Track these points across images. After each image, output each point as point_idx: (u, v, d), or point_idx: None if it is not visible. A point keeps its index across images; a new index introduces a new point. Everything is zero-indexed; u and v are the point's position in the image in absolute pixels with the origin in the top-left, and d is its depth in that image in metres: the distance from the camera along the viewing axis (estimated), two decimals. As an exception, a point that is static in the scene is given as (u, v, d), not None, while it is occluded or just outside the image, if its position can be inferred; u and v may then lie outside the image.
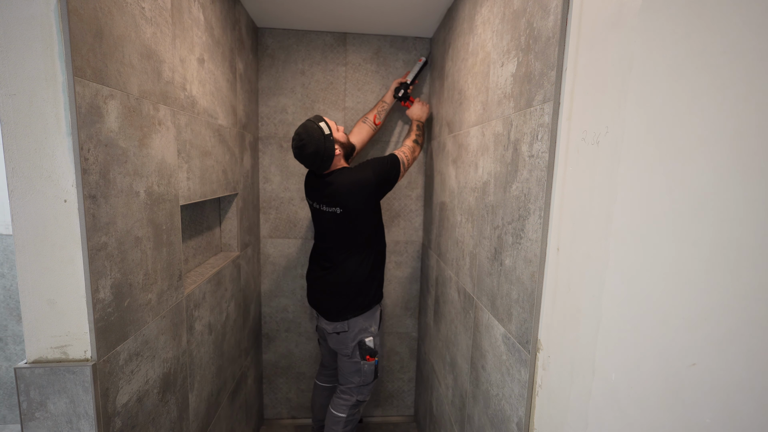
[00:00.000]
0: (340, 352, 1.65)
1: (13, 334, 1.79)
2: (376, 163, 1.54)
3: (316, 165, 1.49)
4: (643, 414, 0.51)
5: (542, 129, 0.76)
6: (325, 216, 1.56)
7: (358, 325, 1.60)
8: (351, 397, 1.66)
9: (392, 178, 1.55)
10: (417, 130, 1.70)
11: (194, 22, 1.14)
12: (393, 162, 1.55)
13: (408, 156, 1.60)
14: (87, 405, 0.72)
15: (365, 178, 1.49)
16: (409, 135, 1.69)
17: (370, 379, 1.64)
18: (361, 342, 1.60)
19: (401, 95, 1.78)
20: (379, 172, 1.51)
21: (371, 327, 1.63)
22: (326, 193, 1.53)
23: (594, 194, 0.61)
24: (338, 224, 1.54)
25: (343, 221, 1.53)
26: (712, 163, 0.42)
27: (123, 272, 0.81)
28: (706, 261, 0.42)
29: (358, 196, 1.49)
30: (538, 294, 0.77)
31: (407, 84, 1.79)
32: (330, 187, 1.52)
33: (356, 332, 1.60)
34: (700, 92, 0.43)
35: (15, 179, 0.66)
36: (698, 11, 0.44)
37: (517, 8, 0.89)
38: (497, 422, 0.96)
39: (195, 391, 1.20)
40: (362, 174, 1.50)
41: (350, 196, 1.49)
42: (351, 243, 1.57)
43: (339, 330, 1.61)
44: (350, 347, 1.61)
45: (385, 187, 1.54)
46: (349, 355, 1.62)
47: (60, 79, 0.65)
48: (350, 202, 1.49)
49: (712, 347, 0.41)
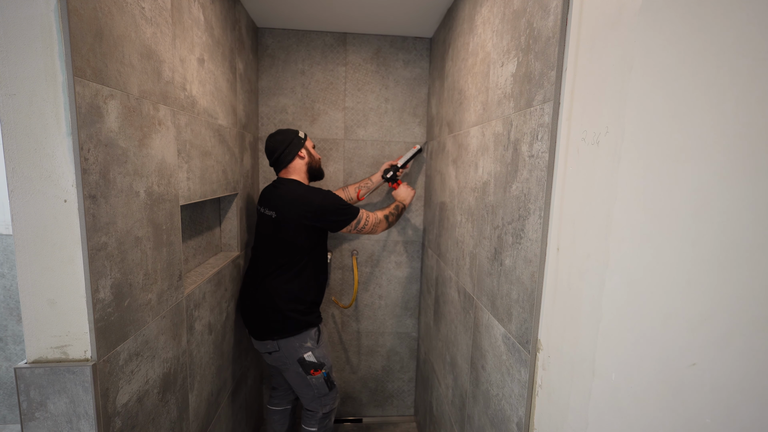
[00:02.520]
0: (281, 369, 1.56)
1: (13, 334, 1.79)
2: (330, 198, 1.49)
3: (275, 155, 1.52)
4: (643, 414, 0.51)
5: (542, 129, 0.76)
6: (263, 219, 1.54)
7: (291, 345, 1.49)
8: (315, 411, 1.58)
9: (334, 220, 1.49)
10: (395, 209, 1.67)
11: (194, 22, 1.14)
12: (348, 211, 1.50)
13: (370, 222, 1.55)
14: (87, 405, 0.72)
15: (308, 199, 1.46)
16: (384, 209, 1.65)
17: (325, 390, 1.55)
18: (300, 359, 1.49)
19: (389, 177, 1.78)
20: (324, 206, 1.46)
21: (306, 343, 1.50)
22: (271, 196, 1.52)
23: (594, 194, 0.61)
24: (270, 229, 1.50)
25: (274, 227, 1.48)
26: (712, 163, 0.42)
27: (123, 272, 0.81)
28: (706, 261, 0.42)
29: (293, 208, 1.45)
30: (538, 294, 0.77)
31: (397, 167, 1.79)
32: (276, 191, 1.52)
33: (290, 352, 1.49)
34: (700, 92, 0.43)
35: (15, 179, 0.66)
36: (698, 11, 0.44)
37: (517, 8, 0.89)
38: (497, 422, 0.96)
39: (195, 391, 1.20)
40: (309, 195, 1.48)
41: (286, 204, 1.46)
42: (279, 254, 1.49)
43: (270, 350, 1.51)
44: (289, 364, 1.51)
45: (321, 222, 1.47)
46: (293, 371, 1.52)
47: (60, 79, 0.65)
48: (284, 210, 1.46)
49: (712, 347, 0.41)
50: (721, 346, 0.41)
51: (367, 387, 2.22)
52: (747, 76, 0.39)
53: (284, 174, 1.56)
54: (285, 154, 1.52)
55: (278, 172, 1.58)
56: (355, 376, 2.20)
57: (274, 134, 1.55)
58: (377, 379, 2.21)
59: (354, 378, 2.20)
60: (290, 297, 1.49)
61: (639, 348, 0.51)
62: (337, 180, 2.02)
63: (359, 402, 2.22)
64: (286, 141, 1.53)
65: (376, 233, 1.60)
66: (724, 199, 0.40)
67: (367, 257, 2.09)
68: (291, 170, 1.55)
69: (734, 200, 0.39)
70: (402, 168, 1.80)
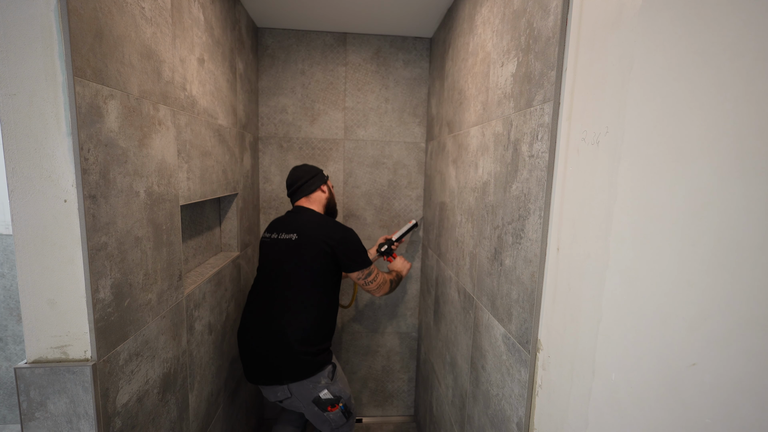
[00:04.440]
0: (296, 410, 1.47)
1: (13, 334, 1.79)
2: (353, 235, 1.47)
3: (300, 183, 1.52)
4: (643, 414, 0.51)
5: (542, 129, 0.76)
6: (277, 246, 1.45)
7: (304, 388, 1.38)
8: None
9: (350, 258, 1.45)
10: (396, 277, 1.66)
11: (194, 22, 1.14)
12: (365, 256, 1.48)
13: (378, 280, 1.52)
14: (87, 405, 0.72)
15: (333, 227, 1.44)
16: (389, 273, 1.65)
17: (342, 421, 1.46)
18: (316, 399, 1.39)
19: (384, 250, 1.79)
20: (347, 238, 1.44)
21: (321, 382, 1.39)
22: (290, 221, 1.48)
23: (594, 194, 0.61)
24: (289, 254, 1.42)
25: (295, 249, 1.42)
26: (712, 163, 0.42)
27: (123, 272, 0.81)
28: (706, 261, 0.42)
29: (318, 230, 1.43)
30: (538, 294, 0.77)
31: (392, 241, 1.81)
32: (297, 216, 1.50)
33: (304, 394, 1.39)
34: (700, 92, 0.43)
35: (15, 179, 0.66)
36: (698, 11, 0.44)
37: (517, 8, 0.89)
38: (497, 422, 0.96)
39: (195, 391, 1.20)
40: (334, 224, 1.46)
41: (311, 226, 1.44)
42: (294, 285, 1.40)
43: (281, 398, 1.41)
44: (303, 406, 1.41)
45: (339, 253, 1.42)
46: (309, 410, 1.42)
47: (60, 79, 0.65)
48: (308, 231, 1.43)
49: (712, 347, 0.41)
50: (721, 346, 0.41)
51: (367, 387, 2.22)
52: (747, 75, 0.39)
53: (304, 203, 1.54)
54: (310, 183, 1.53)
55: (296, 201, 1.56)
56: (355, 376, 2.20)
57: (299, 166, 1.58)
58: (377, 379, 2.21)
59: (354, 378, 2.20)
60: (304, 335, 1.37)
61: (639, 348, 0.51)
62: (337, 180, 2.02)
63: (359, 402, 2.22)
64: (312, 172, 1.55)
65: (378, 295, 1.57)
66: (725, 199, 0.40)
67: (367, 257, 2.09)
68: (312, 200, 1.54)
69: (734, 200, 0.39)
70: (397, 242, 1.82)
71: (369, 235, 2.07)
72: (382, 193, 2.05)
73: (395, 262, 1.78)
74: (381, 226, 2.07)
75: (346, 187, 2.03)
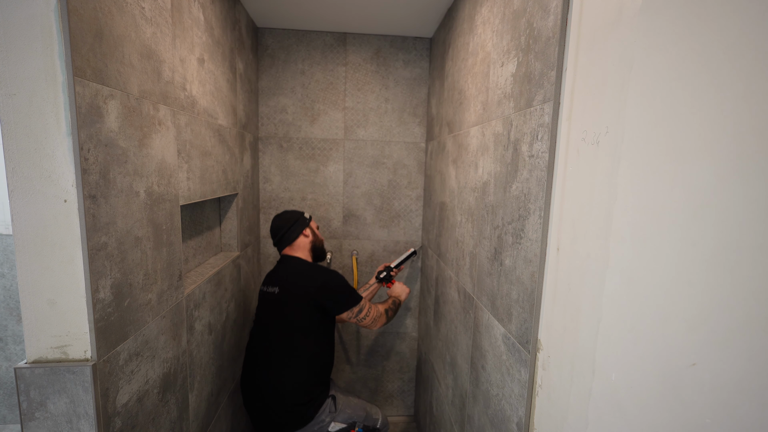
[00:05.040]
0: None
1: (13, 334, 1.79)
2: (335, 277, 1.46)
3: (281, 233, 1.53)
4: (643, 414, 0.51)
5: (542, 129, 0.76)
6: (265, 298, 1.49)
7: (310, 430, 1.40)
8: None
9: (336, 301, 1.44)
10: (393, 304, 1.65)
11: (194, 22, 1.14)
12: (351, 295, 1.47)
13: (371, 314, 1.51)
14: (87, 405, 0.72)
15: (313, 275, 1.44)
16: (384, 303, 1.63)
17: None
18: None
19: (383, 277, 1.81)
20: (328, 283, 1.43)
21: (325, 419, 1.42)
22: (275, 274, 1.51)
23: (594, 194, 0.61)
24: (274, 308, 1.44)
25: (278, 303, 1.43)
26: (712, 163, 0.42)
27: (123, 272, 0.81)
28: (706, 261, 0.42)
29: (297, 283, 1.42)
30: (538, 294, 0.77)
31: (391, 268, 1.82)
32: (280, 267, 1.51)
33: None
34: (700, 92, 0.43)
35: (15, 179, 0.66)
36: (698, 11, 0.44)
37: (517, 8, 0.89)
38: (497, 422, 0.96)
39: (195, 391, 1.20)
40: (314, 271, 1.46)
41: (290, 279, 1.44)
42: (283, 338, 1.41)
43: None
44: None
45: (323, 300, 1.42)
46: None
47: (60, 79, 0.65)
48: (288, 284, 1.43)
49: (712, 347, 0.41)
50: (721, 346, 0.41)
51: (367, 387, 2.22)
52: (747, 75, 0.39)
53: (288, 251, 1.55)
54: (290, 231, 1.53)
55: (282, 251, 1.57)
56: (355, 376, 2.20)
57: (279, 214, 1.58)
58: (377, 379, 2.21)
59: (354, 378, 2.20)
60: (297, 388, 1.39)
61: (639, 348, 0.51)
62: (337, 180, 2.02)
63: (359, 402, 2.23)
64: (291, 219, 1.55)
65: (375, 328, 1.54)
66: (725, 199, 0.40)
67: (367, 257, 2.09)
68: (295, 248, 1.55)
69: (734, 200, 0.39)
70: (396, 269, 1.83)
71: (369, 235, 2.08)
72: (382, 193, 2.05)
73: (394, 288, 1.78)
74: (381, 226, 2.07)
75: (346, 187, 2.03)
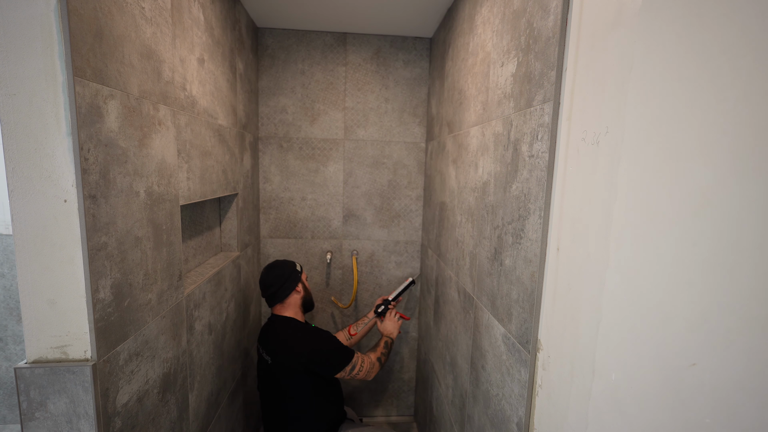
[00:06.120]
0: None
1: (13, 334, 1.79)
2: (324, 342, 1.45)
3: (271, 290, 1.50)
4: (643, 414, 0.51)
5: (542, 129, 0.76)
6: (262, 365, 1.48)
7: None
8: None
9: (328, 365, 1.43)
10: (385, 348, 1.63)
11: (194, 22, 1.14)
12: (343, 354, 1.45)
13: (365, 368, 1.50)
14: (87, 405, 0.72)
15: (300, 345, 1.41)
16: (375, 350, 1.61)
17: None
18: None
19: (381, 311, 1.79)
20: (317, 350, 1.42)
21: None
22: (267, 338, 1.48)
23: (594, 194, 0.61)
24: (268, 376, 1.44)
25: (271, 373, 1.43)
26: (712, 163, 0.42)
27: (123, 272, 0.81)
28: (706, 261, 0.42)
29: (287, 355, 1.40)
30: (538, 294, 0.77)
31: (389, 301, 1.81)
32: (272, 330, 1.47)
33: None
34: (699, 92, 0.43)
35: (15, 179, 0.66)
36: (698, 11, 0.44)
37: (517, 8, 0.89)
38: (497, 422, 0.96)
39: (195, 391, 1.20)
40: (302, 340, 1.42)
41: (281, 350, 1.41)
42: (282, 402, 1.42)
43: None
44: None
45: (314, 367, 1.41)
46: None
47: (60, 79, 0.65)
48: (279, 356, 1.40)
49: (712, 347, 0.41)
50: (721, 346, 0.41)
51: (367, 387, 2.22)
52: (747, 75, 0.39)
53: (279, 310, 1.52)
54: (283, 289, 1.50)
55: (271, 307, 1.54)
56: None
57: (270, 267, 1.53)
58: (377, 379, 2.21)
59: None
60: None
61: (639, 348, 0.51)
62: (337, 180, 2.02)
63: (359, 402, 2.22)
64: (283, 276, 1.51)
65: (370, 378, 1.54)
66: (725, 199, 0.40)
67: (367, 257, 2.09)
68: (287, 306, 1.52)
69: (735, 200, 0.39)
70: (394, 301, 1.82)
71: (369, 235, 2.08)
72: (382, 193, 2.05)
73: (385, 325, 1.73)
74: (381, 226, 2.07)
75: (346, 187, 2.03)
